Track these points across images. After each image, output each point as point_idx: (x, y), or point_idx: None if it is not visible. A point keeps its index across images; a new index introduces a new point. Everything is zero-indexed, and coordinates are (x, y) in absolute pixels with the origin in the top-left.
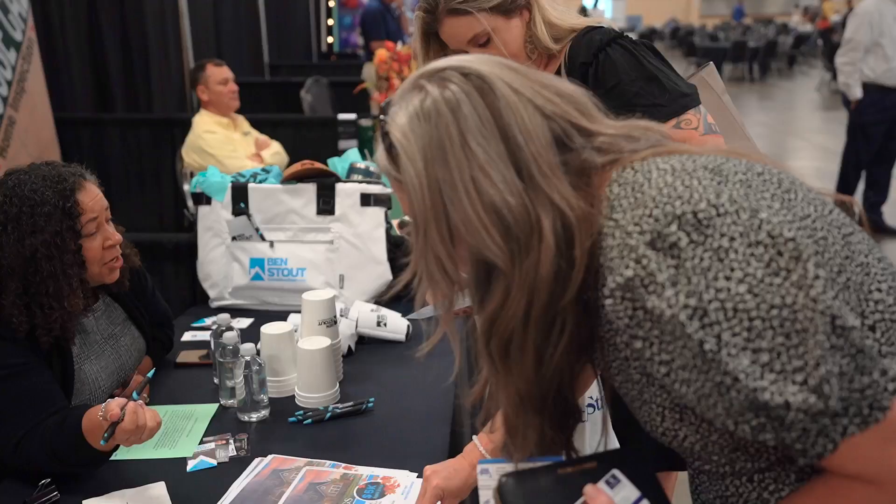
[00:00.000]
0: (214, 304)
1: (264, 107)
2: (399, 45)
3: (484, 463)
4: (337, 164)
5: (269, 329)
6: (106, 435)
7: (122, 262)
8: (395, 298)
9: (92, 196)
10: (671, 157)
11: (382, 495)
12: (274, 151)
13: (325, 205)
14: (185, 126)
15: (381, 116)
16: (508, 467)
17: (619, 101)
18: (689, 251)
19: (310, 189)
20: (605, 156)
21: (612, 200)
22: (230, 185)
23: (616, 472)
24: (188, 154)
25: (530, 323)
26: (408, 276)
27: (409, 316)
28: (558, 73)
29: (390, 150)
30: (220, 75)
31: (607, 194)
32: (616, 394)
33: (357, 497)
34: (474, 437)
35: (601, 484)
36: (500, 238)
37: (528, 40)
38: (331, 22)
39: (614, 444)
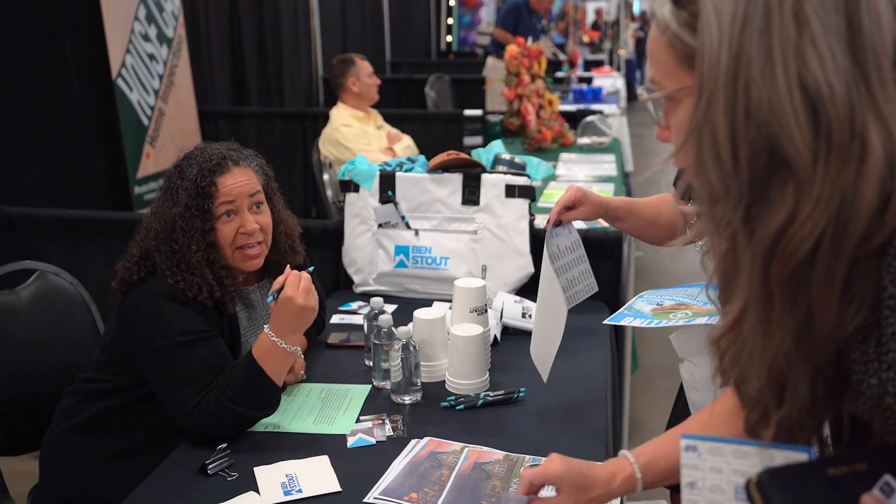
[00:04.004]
0: (359, 290)
1: (387, 102)
2: (530, 41)
3: (690, 438)
4: (482, 155)
5: (421, 314)
6: (273, 296)
7: (258, 252)
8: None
9: (234, 180)
10: None
11: None
12: (406, 145)
13: (471, 195)
14: (315, 119)
15: None
16: (725, 447)
17: None
18: None
19: (455, 179)
20: None
21: None
22: (378, 173)
23: (890, 478)
24: (325, 146)
25: (841, 254)
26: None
27: None
28: None
29: (683, 3)
30: (368, 68)
31: None
32: None
33: None
34: (622, 451)
35: (876, 492)
36: (807, 129)
37: None
38: (450, 21)
39: None
